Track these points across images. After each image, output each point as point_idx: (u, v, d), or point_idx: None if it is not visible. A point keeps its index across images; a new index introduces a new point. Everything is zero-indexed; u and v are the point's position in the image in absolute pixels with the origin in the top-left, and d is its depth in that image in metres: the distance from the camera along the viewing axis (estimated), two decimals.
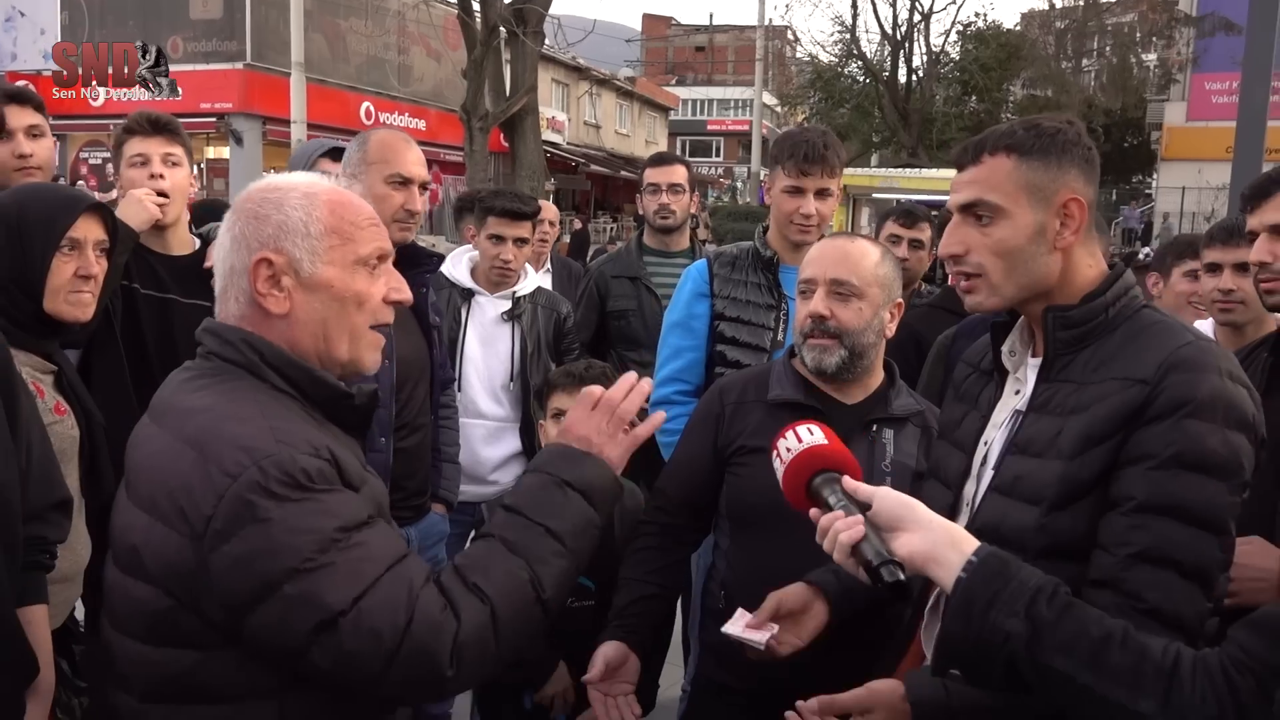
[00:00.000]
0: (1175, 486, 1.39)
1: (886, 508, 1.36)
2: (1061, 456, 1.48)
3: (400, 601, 1.34)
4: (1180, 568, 1.38)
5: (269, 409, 1.40)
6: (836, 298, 2.14)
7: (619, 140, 38.87)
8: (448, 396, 3.20)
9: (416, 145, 2.83)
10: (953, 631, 1.28)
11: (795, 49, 43.27)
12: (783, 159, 2.89)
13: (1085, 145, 1.60)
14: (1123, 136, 34.84)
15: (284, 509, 1.30)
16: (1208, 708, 1.16)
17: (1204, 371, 1.42)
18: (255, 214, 1.49)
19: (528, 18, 16.28)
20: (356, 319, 1.50)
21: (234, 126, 20.99)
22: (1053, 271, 1.57)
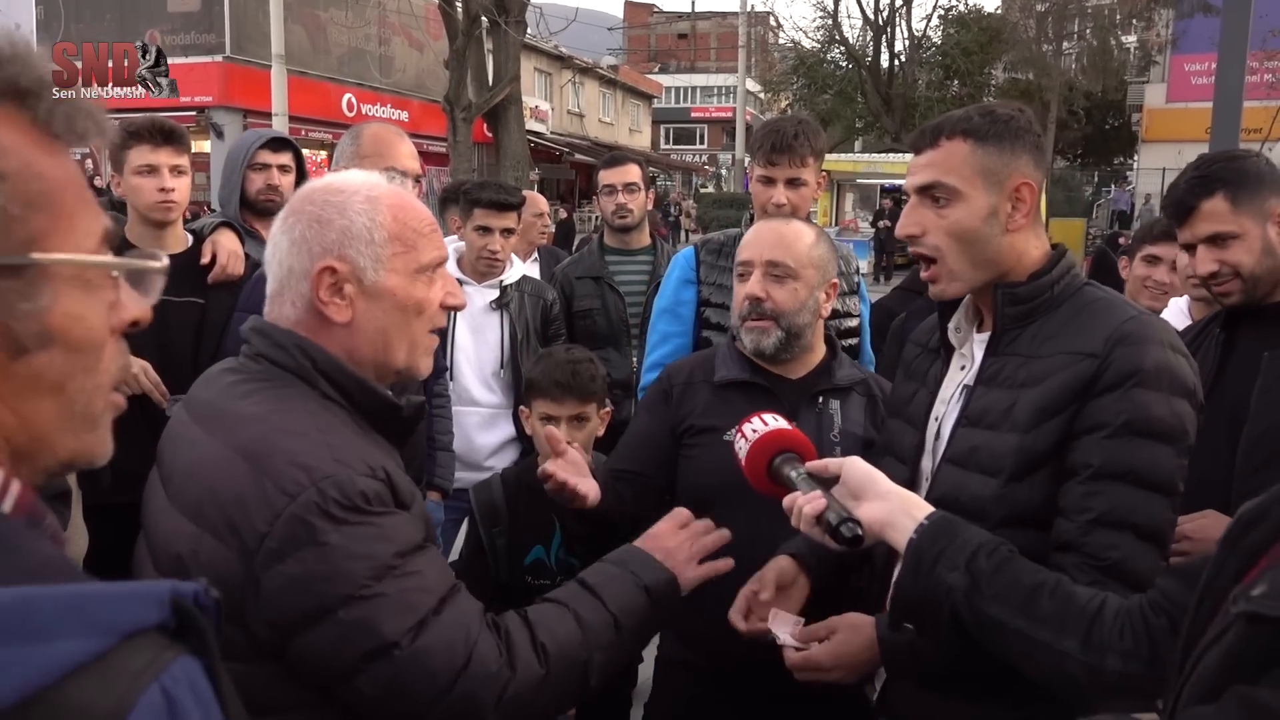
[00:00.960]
0: (1128, 453, 1.49)
1: (854, 478, 1.45)
2: (1017, 429, 1.57)
3: (459, 643, 1.34)
4: (1137, 530, 1.48)
5: (321, 421, 1.38)
6: (772, 279, 2.17)
7: (603, 129, 38.80)
8: (441, 385, 3.23)
9: (408, 138, 2.85)
10: (903, 587, 1.39)
11: (778, 35, 43.27)
12: (755, 149, 2.94)
13: (1035, 132, 1.67)
14: (1104, 119, 35.00)
15: (342, 533, 1.29)
16: (1125, 643, 1.28)
17: (1148, 343, 1.52)
18: (318, 218, 1.44)
19: (509, 7, 16.23)
20: (416, 327, 1.49)
21: (214, 120, 20.86)
22: (1006, 254, 1.65)
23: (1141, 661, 1.27)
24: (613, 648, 1.51)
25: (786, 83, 38.16)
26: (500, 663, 1.37)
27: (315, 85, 22.12)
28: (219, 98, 20.73)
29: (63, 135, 0.78)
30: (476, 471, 3.48)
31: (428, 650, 1.31)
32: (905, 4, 31.86)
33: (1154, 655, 1.26)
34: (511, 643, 1.40)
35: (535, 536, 2.47)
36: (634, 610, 1.54)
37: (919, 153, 1.69)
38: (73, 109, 0.78)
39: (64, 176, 0.77)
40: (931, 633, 1.43)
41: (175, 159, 2.91)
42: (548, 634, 1.44)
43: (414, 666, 1.31)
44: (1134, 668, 1.27)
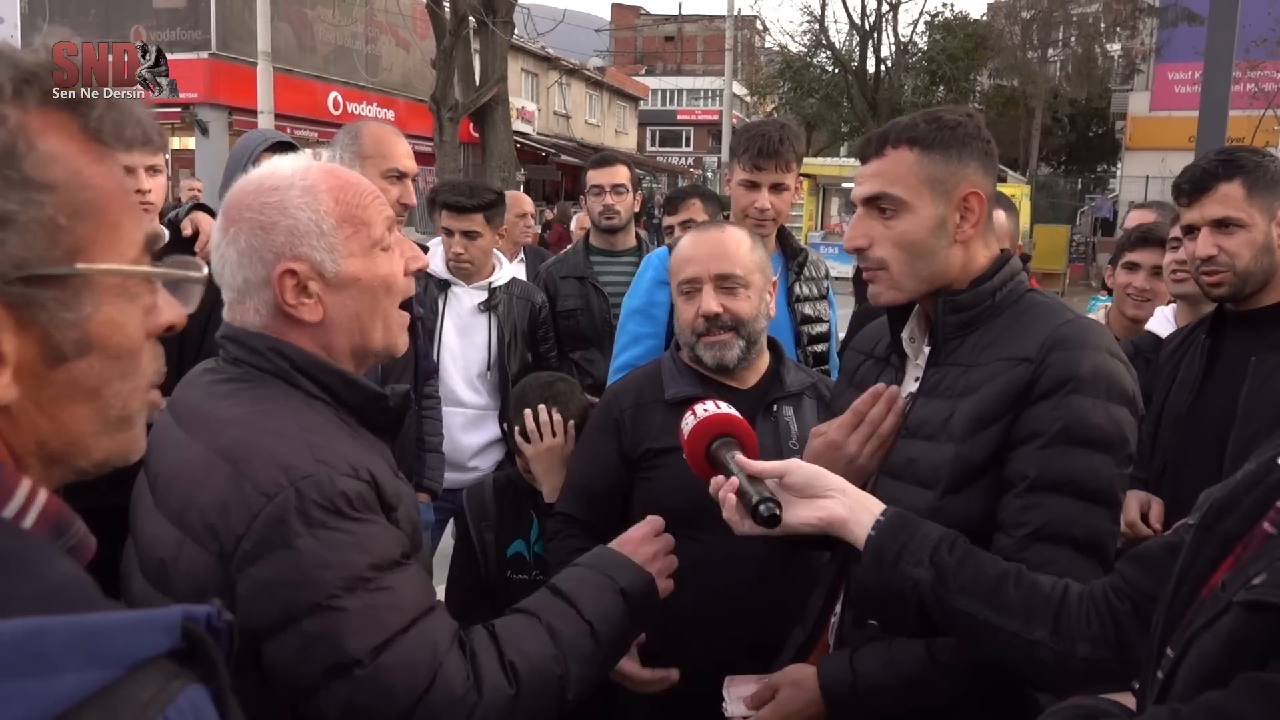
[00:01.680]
0: (1064, 462, 1.44)
1: (800, 479, 1.43)
2: (954, 439, 1.52)
3: (423, 664, 1.28)
4: (1075, 543, 1.44)
5: (305, 420, 1.35)
6: (724, 292, 2.12)
7: (589, 130, 38.80)
8: (430, 386, 3.22)
9: (404, 138, 2.85)
10: (867, 583, 1.39)
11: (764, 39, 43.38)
12: (739, 152, 2.91)
13: (985, 139, 1.62)
14: (1088, 126, 35.27)
15: (316, 538, 1.25)
16: (1092, 629, 1.29)
17: (1084, 349, 1.48)
18: (260, 223, 1.38)
19: (497, 7, 16.22)
20: (386, 304, 1.45)
21: (200, 117, 20.73)
22: (953, 264, 1.59)
23: (1109, 647, 1.28)
24: (590, 659, 1.43)
25: (773, 86, 38.28)
26: (467, 686, 1.30)
27: (301, 83, 22.02)
28: (204, 94, 20.60)
29: (111, 142, 0.78)
30: (461, 472, 3.47)
31: (389, 669, 1.25)
32: (892, 9, 32.01)
33: (1120, 640, 1.27)
34: (478, 663, 1.33)
35: (516, 532, 2.53)
36: (611, 616, 1.46)
37: (865, 161, 1.64)
38: (122, 116, 0.78)
39: (111, 185, 0.77)
40: (896, 627, 1.43)
41: (151, 159, 2.88)
42: (516, 651, 1.37)
43: (373, 686, 1.25)
44: (1102, 653, 1.28)
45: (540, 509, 2.46)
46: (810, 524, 1.41)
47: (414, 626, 1.29)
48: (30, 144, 0.71)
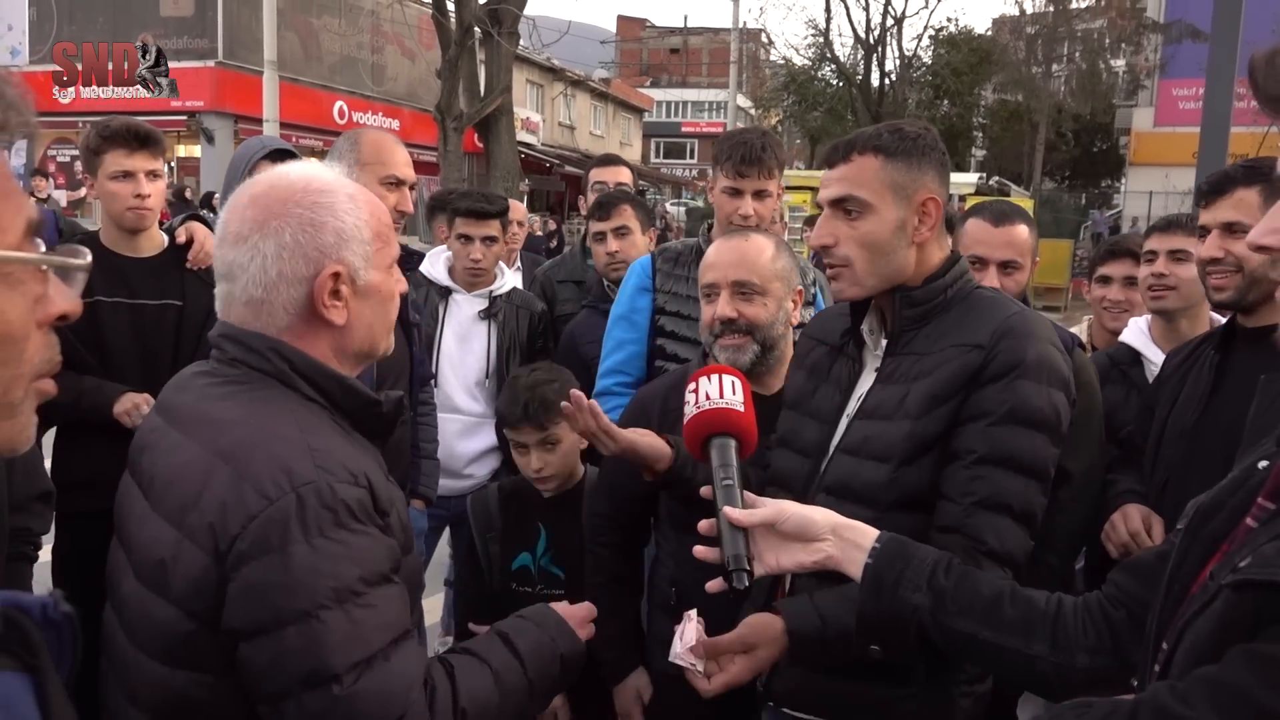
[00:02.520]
0: (1009, 440, 1.63)
1: (793, 525, 1.44)
2: (909, 417, 1.69)
3: (396, 696, 1.29)
4: (1012, 512, 1.62)
5: (304, 423, 1.36)
6: (741, 298, 2.18)
7: (593, 141, 38.89)
8: (426, 393, 3.22)
9: (404, 146, 2.85)
10: (867, 611, 1.42)
11: (769, 52, 43.51)
12: (722, 160, 2.92)
13: (941, 150, 1.77)
14: (1091, 141, 35.32)
15: (312, 545, 1.25)
16: (1089, 639, 1.34)
17: (1029, 337, 1.66)
18: (311, 220, 1.39)
19: (502, 18, 16.27)
20: (391, 316, 1.51)
21: (205, 125, 20.81)
22: (909, 263, 1.76)
23: (1107, 654, 1.32)
24: (521, 712, 1.51)
25: (777, 99, 38.37)
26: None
27: (307, 92, 22.11)
28: (210, 103, 20.68)
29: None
30: (456, 479, 3.47)
31: (366, 696, 1.26)
32: (896, 24, 32.12)
33: (1118, 646, 1.31)
34: (435, 701, 1.35)
35: (522, 544, 2.48)
36: (548, 677, 1.54)
37: (832, 167, 1.77)
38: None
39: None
40: (897, 651, 1.46)
41: (151, 163, 2.88)
42: (469, 696, 1.40)
43: (347, 708, 1.25)
44: (1101, 661, 1.32)
45: (550, 521, 2.43)
46: (806, 567, 1.45)
47: (394, 649, 1.30)
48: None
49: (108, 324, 2.75)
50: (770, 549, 1.44)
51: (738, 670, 1.64)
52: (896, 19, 32.02)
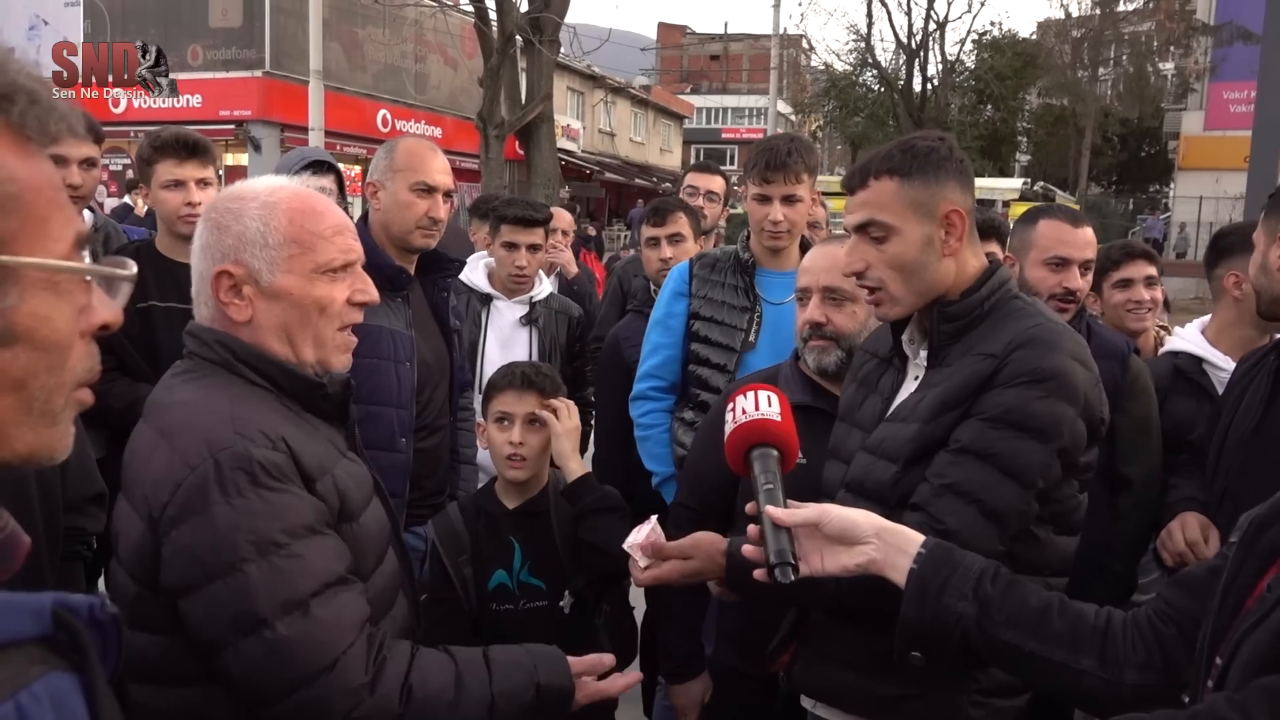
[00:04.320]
0: (994, 437, 1.62)
1: (836, 527, 1.44)
2: (919, 419, 1.70)
3: (329, 644, 1.38)
4: (981, 505, 1.60)
5: (239, 400, 1.47)
6: (830, 304, 2.21)
7: (633, 148, 38.98)
8: (466, 399, 3.24)
9: (442, 154, 2.88)
10: (909, 617, 1.40)
11: (810, 58, 43.35)
12: (749, 168, 2.95)
13: (958, 159, 1.76)
14: (1139, 146, 34.76)
15: (232, 505, 1.36)
16: (1138, 655, 1.32)
17: (1048, 349, 1.64)
18: (218, 224, 1.54)
19: (544, 26, 16.39)
20: (320, 324, 1.55)
21: (252, 134, 21.15)
22: (945, 275, 1.75)
23: (1156, 671, 1.30)
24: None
25: (818, 105, 38.22)
26: (364, 680, 1.39)
27: (351, 101, 22.40)
28: (257, 112, 21.03)
29: (35, 137, 0.78)
30: None
31: (299, 640, 1.35)
32: (939, 28, 31.84)
33: (1168, 664, 1.29)
34: (384, 667, 1.42)
35: (496, 561, 2.34)
36: (517, 701, 1.56)
37: (852, 193, 1.77)
38: (45, 111, 0.78)
39: (37, 179, 0.78)
40: (940, 659, 1.45)
41: (201, 172, 2.96)
42: (420, 679, 1.46)
43: (283, 652, 1.34)
44: (1150, 678, 1.30)
45: (521, 533, 2.31)
46: (849, 570, 1.44)
47: (326, 596, 1.39)
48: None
49: (161, 328, 2.81)
50: (814, 551, 1.45)
51: (666, 571, 1.80)
52: (939, 23, 31.77)
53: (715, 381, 2.93)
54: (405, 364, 2.76)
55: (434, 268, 2.94)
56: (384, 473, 2.69)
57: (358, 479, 1.58)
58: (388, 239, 2.80)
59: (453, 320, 3.06)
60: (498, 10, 16.42)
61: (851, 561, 1.43)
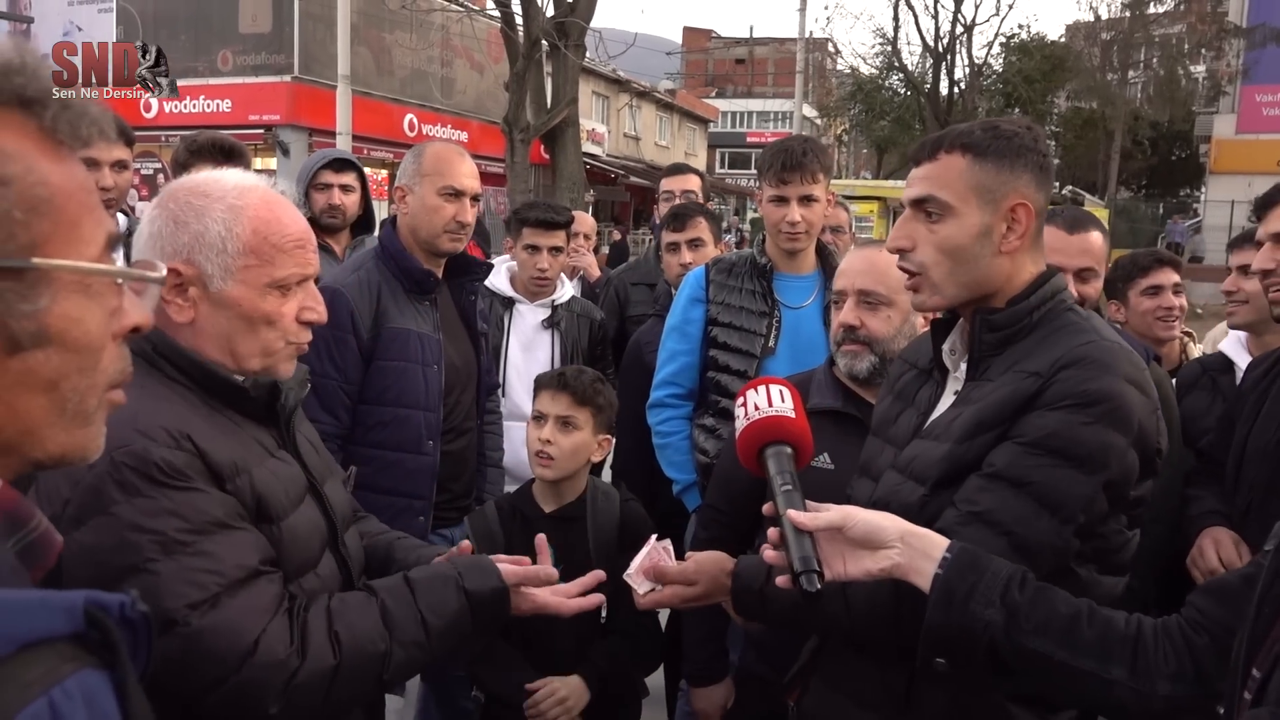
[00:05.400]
0: (1031, 464, 1.45)
1: (860, 531, 1.39)
2: (951, 439, 1.55)
3: (246, 629, 1.35)
4: (1012, 538, 1.44)
5: (147, 394, 1.39)
6: (865, 307, 2.16)
7: (659, 152, 38.98)
8: (493, 402, 3.26)
9: (470, 158, 2.89)
10: (934, 623, 1.35)
11: (836, 61, 43.19)
12: (765, 169, 2.93)
13: (1040, 152, 1.60)
14: (1170, 149, 34.35)
15: (132, 504, 1.32)
16: (1170, 665, 1.27)
17: (1100, 370, 1.47)
18: (176, 218, 1.47)
19: (569, 31, 16.41)
20: (267, 336, 1.51)
21: (281, 138, 21.34)
22: (996, 274, 1.59)
23: (1189, 683, 1.26)
24: (418, 645, 1.51)
25: (843, 109, 38.05)
26: (290, 650, 1.38)
27: (378, 105, 22.54)
28: (286, 116, 21.21)
29: (68, 141, 0.79)
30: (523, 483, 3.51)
31: (214, 631, 1.32)
32: (966, 31, 31.63)
33: (1199, 674, 1.25)
34: (307, 630, 1.41)
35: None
36: (446, 612, 1.53)
37: (918, 164, 1.64)
38: (77, 115, 0.80)
39: (69, 182, 0.79)
40: (965, 666, 1.40)
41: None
42: (345, 624, 1.44)
43: (199, 645, 1.32)
44: (1183, 690, 1.26)
45: (554, 537, 2.27)
46: (873, 574, 1.40)
47: (238, 588, 1.36)
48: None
49: None
50: (836, 556, 1.40)
51: (667, 596, 1.73)
52: (966, 26, 31.55)
53: (735, 388, 2.92)
54: (433, 367, 2.77)
55: (462, 271, 2.96)
56: (411, 475, 2.76)
57: (286, 479, 1.52)
58: (415, 243, 2.82)
59: (480, 324, 3.08)
60: (524, 15, 16.46)
61: (875, 566, 1.38)
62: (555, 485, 2.40)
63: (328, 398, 2.62)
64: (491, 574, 1.60)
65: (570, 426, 2.37)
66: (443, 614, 1.53)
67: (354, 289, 2.69)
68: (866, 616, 1.52)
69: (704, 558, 1.74)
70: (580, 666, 2.32)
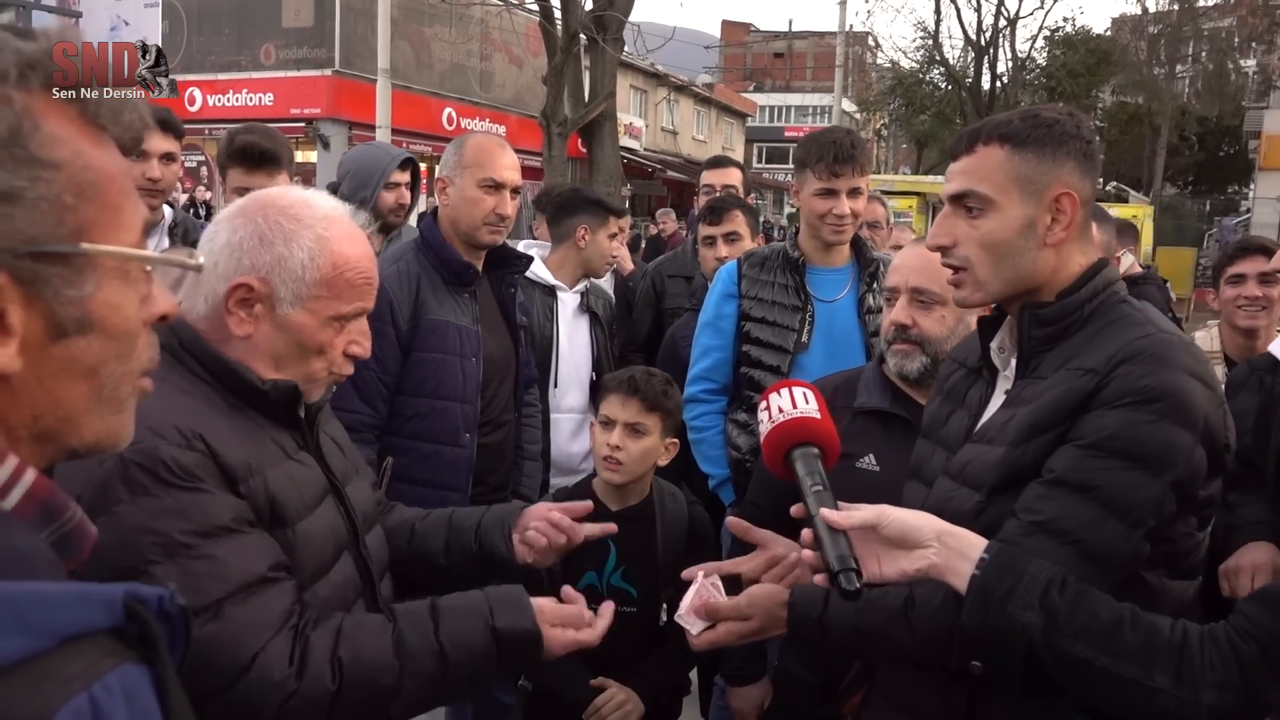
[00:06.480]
0: (1094, 467, 1.38)
1: (895, 531, 1.36)
2: (1006, 442, 1.48)
3: (244, 645, 1.31)
4: (1081, 547, 1.37)
5: (165, 391, 1.35)
6: (918, 306, 2.12)
7: (696, 146, 38.88)
8: (531, 395, 3.26)
9: (511, 150, 2.89)
10: (971, 626, 1.32)
11: (876, 55, 42.83)
12: (812, 161, 2.89)
13: (1084, 138, 1.53)
14: (1218, 145, 33.68)
15: (138, 504, 1.30)
16: (1216, 674, 1.22)
17: (1159, 364, 1.40)
18: (262, 234, 1.47)
19: (608, 24, 16.40)
20: (315, 365, 1.52)
21: (322, 131, 21.56)
22: (1043, 268, 1.53)
23: (1235, 693, 1.22)
24: (432, 681, 1.44)
25: (883, 103, 37.73)
26: (287, 672, 1.33)
27: (418, 99, 22.69)
28: (327, 110, 21.42)
29: (110, 128, 0.80)
30: (571, 476, 3.49)
31: (211, 642, 1.28)
32: (1010, 24, 31.21)
33: (1246, 683, 1.21)
34: (308, 651, 1.36)
35: (588, 562, 2.32)
36: (470, 648, 1.46)
37: (955, 158, 1.59)
38: (118, 103, 0.81)
39: (112, 169, 0.79)
40: (1003, 670, 1.36)
41: (267, 182, 3.06)
42: (350, 649, 1.39)
43: (196, 653, 1.26)
44: (1229, 699, 1.22)
45: (621, 537, 2.24)
46: (909, 575, 1.37)
47: (243, 595, 1.33)
48: (36, 124, 0.74)
49: None
50: (871, 556, 1.37)
51: (724, 634, 1.64)
52: (1010, 20, 31.13)
53: (769, 383, 2.90)
54: (471, 359, 2.78)
55: (502, 263, 2.96)
56: (447, 467, 2.76)
57: (302, 482, 1.50)
58: (455, 235, 2.82)
59: (519, 317, 3.08)
60: (562, 9, 16.47)
61: (911, 566, 1.35)
62: (620, 486, 2.38)
63: (366, 388, 2.63)
64: (525, 613, 1.52)
65: (639, 433, 2.33)
66: (465, 650, 1.47)
67: (393, 280, 2.69)
68: (931, 641, 1.45)
69: (757, 591, 1.66)
70: (635, 679, 2.31)
